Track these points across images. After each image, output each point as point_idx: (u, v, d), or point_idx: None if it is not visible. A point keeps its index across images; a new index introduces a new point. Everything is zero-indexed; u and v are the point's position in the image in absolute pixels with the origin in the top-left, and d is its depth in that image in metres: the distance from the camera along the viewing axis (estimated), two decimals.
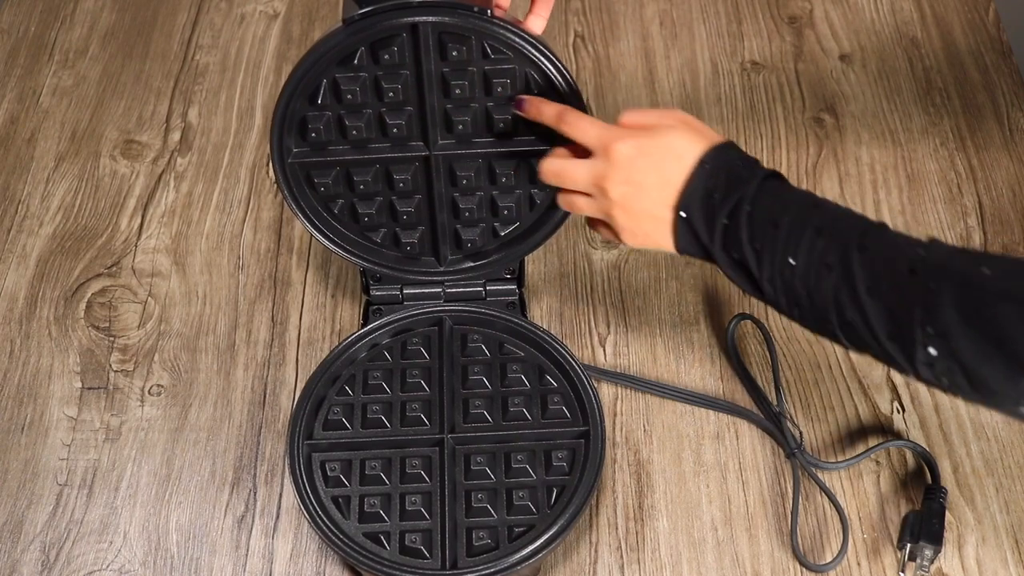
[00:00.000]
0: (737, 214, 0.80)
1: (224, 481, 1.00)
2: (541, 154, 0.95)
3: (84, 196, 1.21)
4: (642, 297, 1.12)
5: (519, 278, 1.05)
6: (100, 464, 1.02)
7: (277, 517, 0.98)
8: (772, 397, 1.03)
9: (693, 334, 1.09)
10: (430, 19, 0.90)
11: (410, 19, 0.90)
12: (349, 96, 0.94)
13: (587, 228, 1.17)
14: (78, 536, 0.97)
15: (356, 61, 0.93)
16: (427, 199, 1.00)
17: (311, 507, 0.92)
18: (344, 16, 0.91)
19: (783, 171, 1.20)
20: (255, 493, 1.00)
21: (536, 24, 0.93)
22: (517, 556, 0.89)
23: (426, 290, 1.04)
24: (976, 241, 1.14)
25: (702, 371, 1.06)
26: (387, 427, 0.97)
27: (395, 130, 0.96)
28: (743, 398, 1.04)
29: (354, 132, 0.96)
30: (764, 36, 1.34)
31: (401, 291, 1.04)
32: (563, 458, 0.94)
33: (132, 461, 1.02)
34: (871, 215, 1.16)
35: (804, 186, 1.18)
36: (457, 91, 0.95)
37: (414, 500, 0.92)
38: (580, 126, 0.88)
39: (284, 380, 1.07)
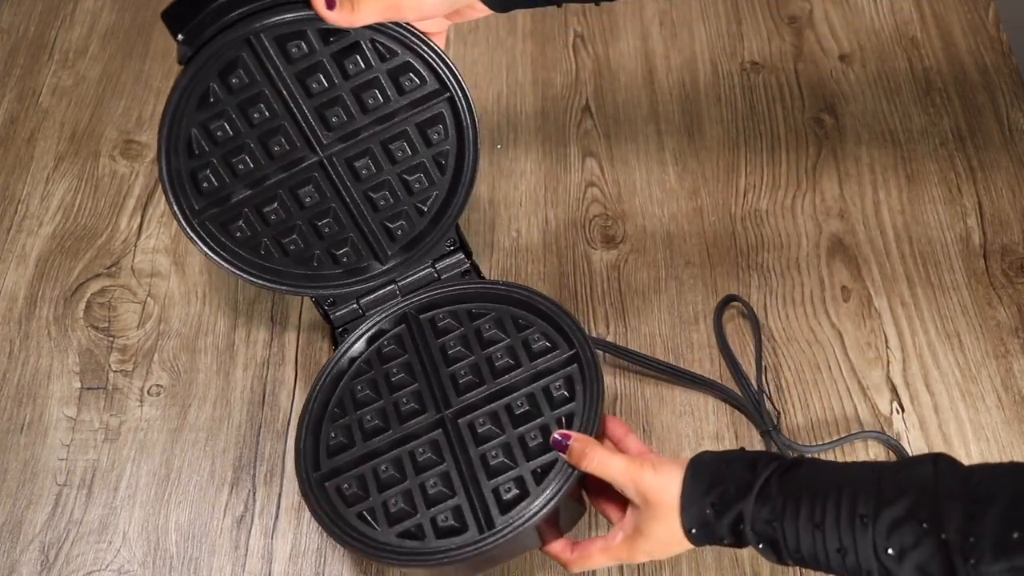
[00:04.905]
0: (741, 523, 0.79)
1: (223, 481, 1.00)
2: (426, 117, 0.97)
3: (84, 196, 1.21)
4: (642, 297, 1.12)
5: (463, 246, 1.03)
6: (99, 464, 1.02)
7: (276, 517, 0.98)
8: (768, 387, 1.03)
9: (692, 334, 1.09)
10: (258, 25, 0.91)
11: (241, 33, 0.90)
12: (220, 134, 0.94)
13: (586, 230, 1.17)
14: (77, 536, 0.97)
15: (212, 99, 0.93)
16: (342, 205, 0.99)
17: (341, 532, 0.90)
18: (180, 59, 0.91)
19: (782, 170, 1.20)
20: (254, 493, 1.00)
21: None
22: (548, 492, 0.88)
23: (381, 293, 1.02)
24: (976, 241, 1.14)
25: (700, 371, 1.06)
26: (388, 430, 0.96)
27: (277, 148, 0.95)
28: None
29: (241, 167, 0.95)
30: (764, 36, 1.34)
31: (359, 303, 1.02)
32: (562, 386, 0.93)
33: (131, 461, 1.02)
34: (871, 215, 1.16)
35: (803, 186, 1.18)
36: (315, 86, 0.94)
37: (433, 483, 0.91)
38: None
39: (283, 380, 1.07)
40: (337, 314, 1.01)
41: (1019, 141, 1.22)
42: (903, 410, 1.03)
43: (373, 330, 1.00)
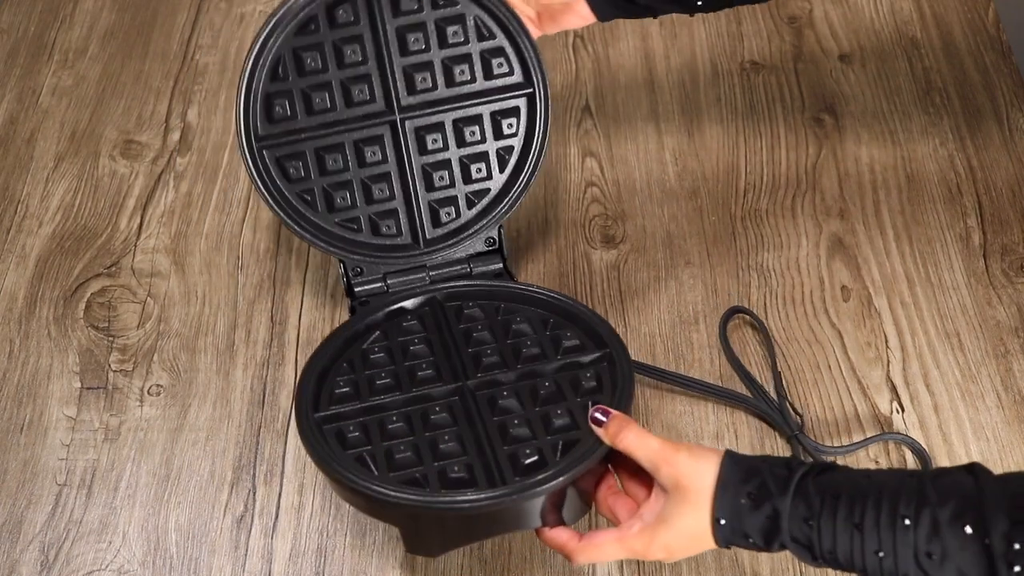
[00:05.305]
0: (778, 519, 0.76)
1: (223, 481, 1.00)
2: (503, 107, 0.99)
3: (83, 196, 1.21)
4: (642, 297, 1.12)
5: (500, 248, 1.03)
6: (99, 464, 1.02)
7: (276, 517, 0.98)
8: (769, 388, 1.03)
9: (693, 334, 1.09)
10: None
11: None
12: (309, 63, 0.95)
13: (586, 227, 1.17)
14: (77, 536, 0.97)
15: (313, 27, 0.95)
16: (400, 173, 1.00)
17: (336, 470, 0.84)
18: None
19: (782, 170, 1.20)
20: (254, 493, 1.00)
21: None
22: (569, 462, 0.83)
23: (410, 276, 1.00)
24: (976, 241, 1.14)
25: (701, 371, 1.06)
26: (399, 389, 0.91)
27: (359, 93, 0.97)
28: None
29: (318, 103, 0.96)
30: (764, 36, 1.34)
31: (385, 280, 1.00)
32: (592, 377, 0.90)
33: (131, 461, 1.02)
34: (871, 215, 1.16)
35: (803, 186, 1.18)
36: (413, 42, 0.96)
37: (446, 438, 0.86)
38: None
39: (283, 380, 1.06)
40: (361, 287, 1.00)
41: (1019, 141, 1.22)
42: (903, 410, 1.03)
43: (395, 307, 0.98)
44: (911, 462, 1.00)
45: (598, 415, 0.84)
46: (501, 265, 1.03)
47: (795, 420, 1.01)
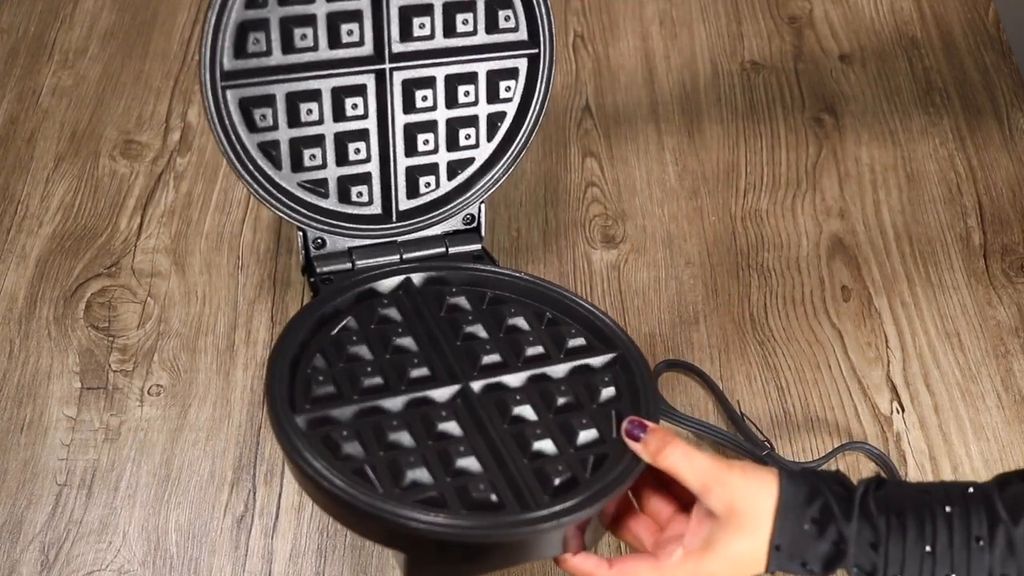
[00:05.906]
0: (843, 545, 0.71)
1: (223, 481, 1.00)
2: (503, 66, 0.90)
3: (84, 196, 1.21)
4: (642, 297, 1.12)
5: (478, 229, 0.96)
6: (99, 464, 1.02)
7: (276, 517, 0.98)
8: (725, 424, 1.03)
9: (692, 334, 1.09)
10: None
11: None
12: None
13: (585, 228, 1.17)
14: (77, 536, 0.97)
15: None
16: (381, 131, 0.90)
17: (329, 484, 0.72)
18: None
19: (782, 170, 1.20)
20: (254, 493, 1.00)
21: None
22: (605, 484, 0.74)
23: (380, 254, 0.92)
24: (976, 241, 1.14)
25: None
26: (390, 390, 0.81)
27: (348, 33, 0.85)
28: (742, 401, 1.04)
29: (301, 40, 0.84)
30: (764, 36, 1.34)
31: (352, 256, 0.91)
32: (609, 382, 0.82)
33: (131, 461, 1.02)
34: (871, 215, 1.16)
35: (803, 186, 1.19)
36: None
37: (461, 449, 0.76)
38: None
39: None
40: (322, 263, 0.91)
41: (1019, 141, 1.23)
42: (903, 410, 1.03)
43: (364, 288, 0.88)
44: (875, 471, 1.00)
45: (634, 429, 0.77)
46: (480, 247, 0.95)
47: (762, 441, 0.99)
